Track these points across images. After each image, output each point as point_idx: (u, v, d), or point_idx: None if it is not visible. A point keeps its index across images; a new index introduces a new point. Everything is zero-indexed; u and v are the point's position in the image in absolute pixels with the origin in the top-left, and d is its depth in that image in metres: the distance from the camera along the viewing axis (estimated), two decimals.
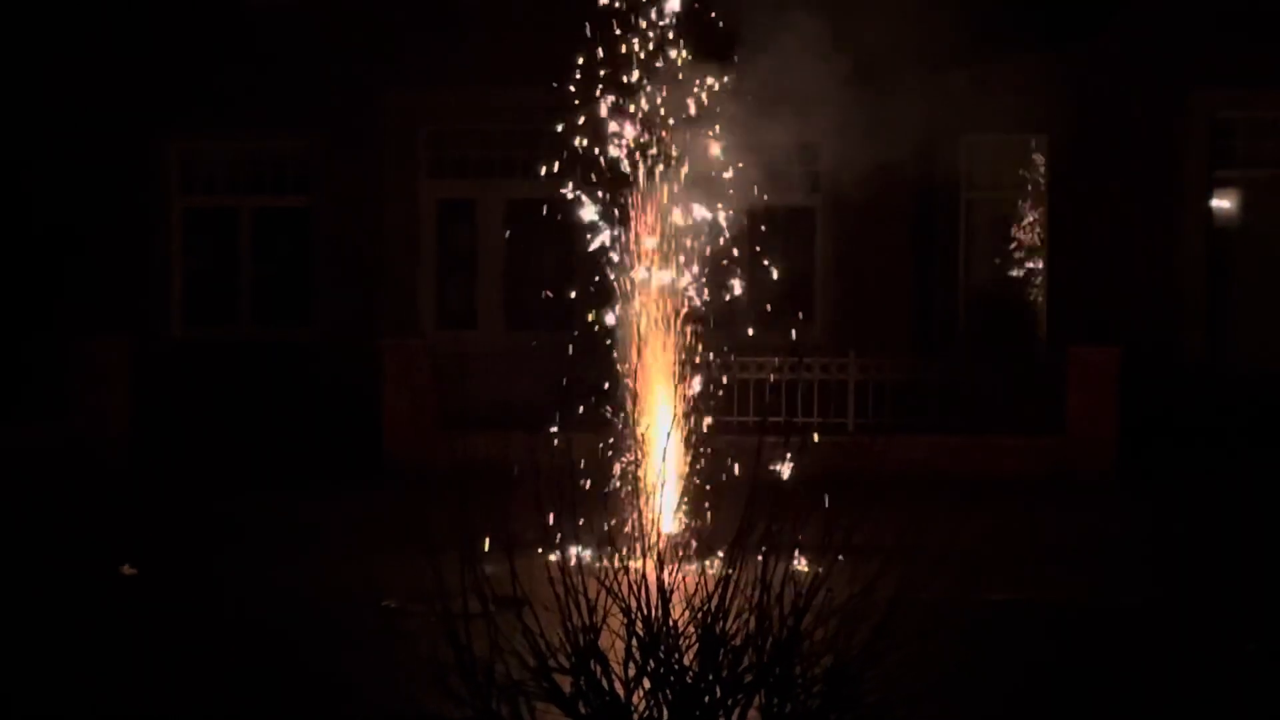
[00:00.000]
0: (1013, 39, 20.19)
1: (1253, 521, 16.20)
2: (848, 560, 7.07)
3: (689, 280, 13.94)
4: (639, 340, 13.87)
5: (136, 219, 23.18)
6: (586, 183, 14.02)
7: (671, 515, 13.14)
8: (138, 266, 23.18)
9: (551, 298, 14.36)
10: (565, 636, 6.83)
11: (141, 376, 21.57)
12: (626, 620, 6.83)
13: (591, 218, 14.04)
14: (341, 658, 10.02)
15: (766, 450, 7.65)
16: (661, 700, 6.78)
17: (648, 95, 13.96)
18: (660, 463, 12.64)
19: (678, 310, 13.95)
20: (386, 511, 12.55)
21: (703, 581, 6.95)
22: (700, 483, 13.51)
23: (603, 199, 13.98)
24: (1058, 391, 19.87)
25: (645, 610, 6.82)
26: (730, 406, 17.70)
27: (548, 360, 14.49)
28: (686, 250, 14.00)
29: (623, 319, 13.93)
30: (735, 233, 14.33)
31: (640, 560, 7.09)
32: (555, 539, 7.10)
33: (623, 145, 13.96)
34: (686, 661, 6.82)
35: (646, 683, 6.80)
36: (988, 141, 22.20)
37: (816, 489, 7.45)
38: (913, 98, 19.13)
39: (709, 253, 14.06)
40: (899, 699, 6.94)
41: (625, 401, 13.75)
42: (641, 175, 13.96)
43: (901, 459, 18.00)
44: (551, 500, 7.43)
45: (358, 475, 19.34)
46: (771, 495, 7.12)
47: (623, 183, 13.94)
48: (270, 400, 21.77)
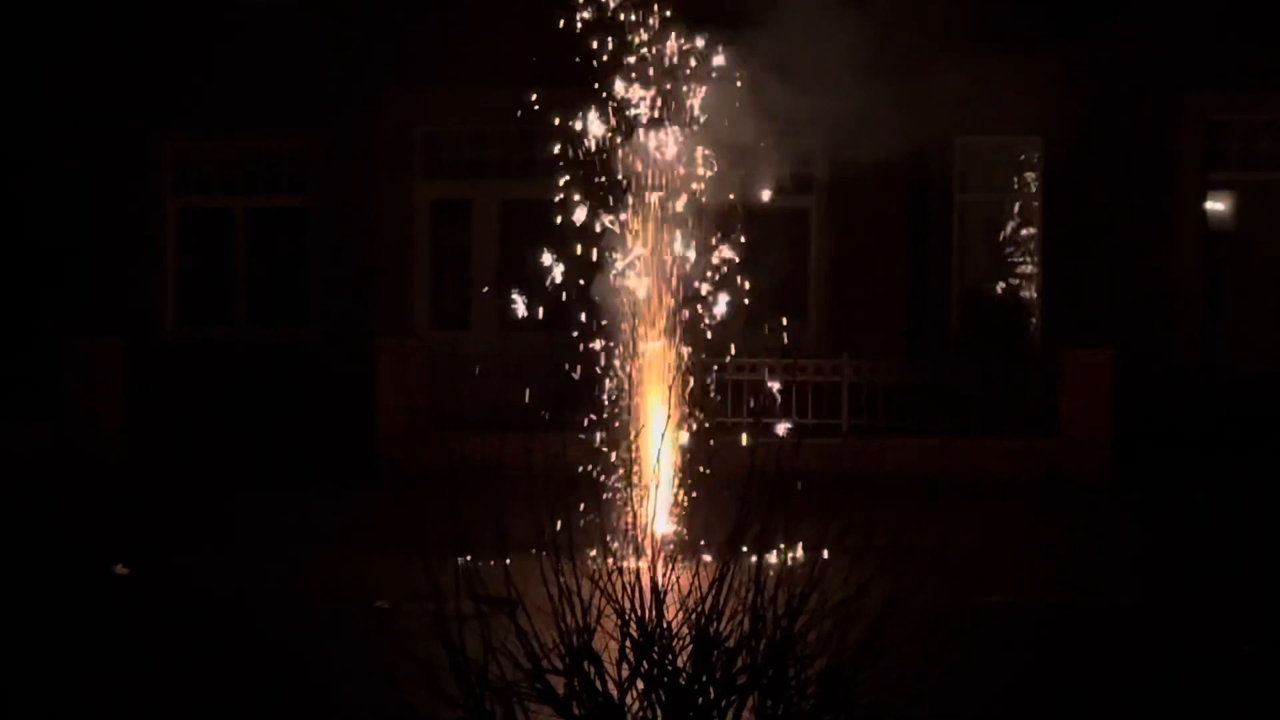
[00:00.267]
0: (1008, 41, 20.19)
1: (1247, 523, 16.19)
2: (842, 562, 7.07)
3: (683, 282, 13.93)
4: (633, 342, 13.86)
5: (131, 219, 23.15)
6: (580, 184, 14.01)
7: (665, 516, 13.15)
8: (132, 266, 23.14)
9: (547, 298, 14.35)
10: (559, 637, 6.82)
11: (135, 377, 21.54)
12: (620, 621, 6.82)
13: (585, 219, 14.03)
14: (334, 658, 10.00)
15: (760, 452, 7.64)
16: (655, 702, 6.77)
17: (642, 97, 13.95)
18: (654, 464, 12.64)
19: (671, 312, 13.94)
20: (380, 512, 12.55)
21: (697, 582, 6.95)
22: (694, 484, 13.51)
23: (596, 200, 13.97)
24: (1052, 393, 19.87)
25: (639, 611, 6.82)
26: (724, 408, 17.70)
27: (542, 361, 14.47)
28: (681, 252, 13.99)
29: (617, 321, 13.92)
30: (729, 235, 14.33)
31: (634, 561, 7.08)
32: (549, 539, 7.08)
33: (617, 147, 13.95)
34: (680, 663, 6.81)
35: (640, 684, 6.79)
36: (983, 143, 22.19)
37: (811, 490, 7.45)
38: (908, 99, 19.13)
39: (703, 255, 14.05)
40: (893, 701, 6.93)
41: (619, 403, 13.75)
42: (635, 177, 13.95)
43: (895, 461, 18.11)
44: (546, 501, 7.41)
45: (352, 475, 19.32)
46: (766, 497, 7.11)
47: (616, 185, 13.93)
48: (264, 400, 21.74)
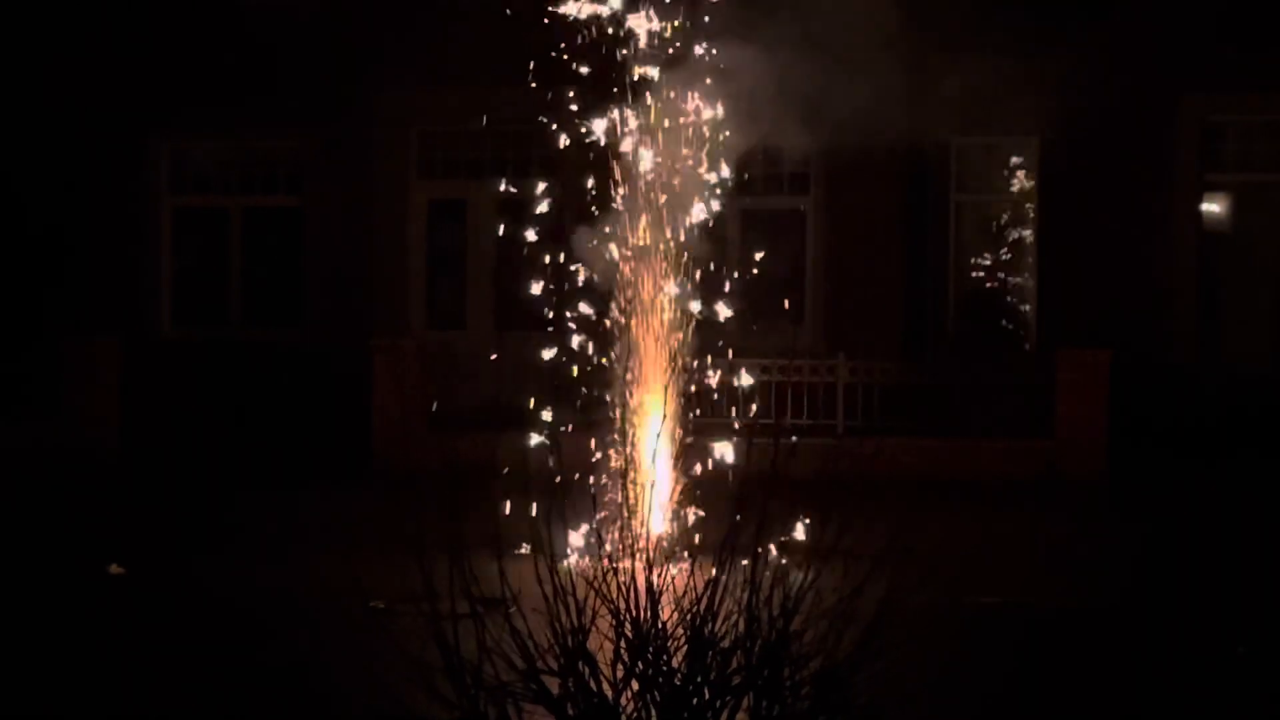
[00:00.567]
0: (1005, 42, 20.19)
1: (1244, 524, 16.19)
2: (837, 563, 7.06)
3: (679, 283, 13.91)
4: (628, 342, 13.86)
5: (127, 218, 23.15)
6: (576, 184, 14.01)
7: (661, 516, 13.14)
8: (128, 266, 23.14)
9: (542, 298, 14.34)
10: (554, 638, 6.81)
11: (132, 376, 21.54)
12: (615, 622, 6.81)
13: (580, 218, 14.03)
14: (328, 658, 10.00)
15: (756, 452, 7.64)
16: (650, 702, 6.76)
17: (639, 98, 13.95)
18: (650, 464, 12.62)
19: (667, 312, 13.93)
20: (375, 512, 12.55)
21: (692, 583, 6.94)
22: (689, 484, 13.51)
23: (592, 200, 13.96)
24: (1048, 394, 19.86)
25: (634, 612, 6.81)
26: (719, 408, 17.68)
27: (537, 361, 14.45)
28: (676, 253, 13.98)
29: (612, 321, 13.91)
30: (726, 235, 14.33)
31: (629, 561, 7.08)
32: (544, 539, 7.07)
33: (613, 148, 13.94)
34: (675, 663, 6.81)
35: (635, 685, 6.79)
36: (978, 144, 22.19)
37: (806, 491, 7.44)
38: (903, 100, 19.15)
39: (699, 256, 14.04)
40: (888, 702, 6.93)
41: (615, 402, 13.74)
42: (632, 177, 13.94)
43: (891, 461, 18.08)
44: (540, 501, 7.41)
45: (347, 475, 19.32)
46: (761, 497, 7.10)
47: (613, 185, 13.93)
48: (260, 400, 21.74)
